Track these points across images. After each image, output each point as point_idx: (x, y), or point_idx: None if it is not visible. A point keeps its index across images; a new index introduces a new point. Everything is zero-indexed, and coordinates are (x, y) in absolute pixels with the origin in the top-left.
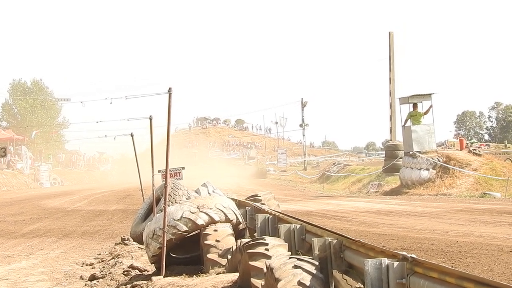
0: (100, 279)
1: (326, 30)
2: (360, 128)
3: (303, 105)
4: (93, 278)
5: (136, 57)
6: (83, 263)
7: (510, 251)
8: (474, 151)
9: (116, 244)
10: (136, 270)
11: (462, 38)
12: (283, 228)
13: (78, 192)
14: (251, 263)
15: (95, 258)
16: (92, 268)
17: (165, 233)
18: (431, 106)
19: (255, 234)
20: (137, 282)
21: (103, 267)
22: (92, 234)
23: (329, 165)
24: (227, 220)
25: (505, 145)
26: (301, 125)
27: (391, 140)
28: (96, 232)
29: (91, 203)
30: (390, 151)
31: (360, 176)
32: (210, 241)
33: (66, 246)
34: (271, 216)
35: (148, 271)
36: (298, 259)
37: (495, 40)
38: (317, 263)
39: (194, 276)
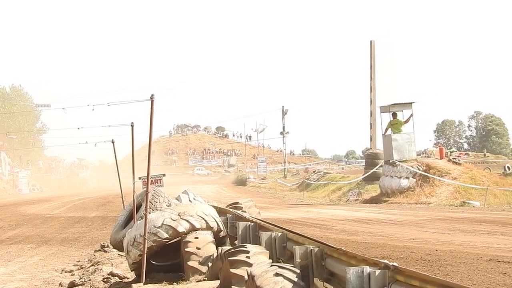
0: (80, 286)
1: (308, 39)
2: (340, 136)
3: (284, 113)
4: (72, 285)
5: (118, 63)
6: (62, 270)
7: (489, 259)
8: (454, 160)
9: (95, 251)
10: (116, 277)
11: (442, 47)
12: (264, 235)
13: (57, 198)
14: (232, 270)
15: (74, 265)
16: (72, 275)
17: (146, 240)
18: (411, 115)
19: (236, 241)
20: None
21: (83, 274)
22: (72, 241)
23: (309, 173)
24: (208, 227)
25: (484, 154)
26: (281, 133)
27: (371, 148)
28: (75, 239)
29: (71, 210)
30: (370, 159)
31: (340, 184)
32: (190, 248)
33: (45, 253)
34: (252, 224)
35: (128, 278)
36: (280, 267)
37: (475, 50)
38: (298, 271)
39: (175, 283)
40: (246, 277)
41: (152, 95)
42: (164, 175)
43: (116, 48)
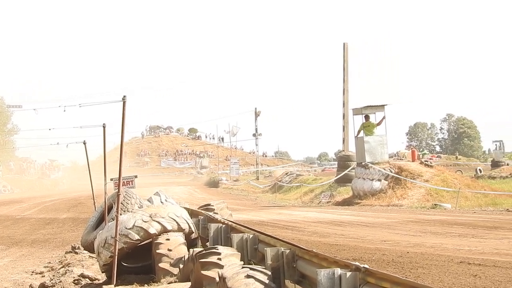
0: None
1: (281, 41)
2: (313, 138)
3: (257, 114)
4: (43, 286)
5: (90, 64)
6: (32, 272)
7: (460, 262)
8: (426, 162)
9: (66, 252)
10: (87, 279)
11: (415, 49)
12: (236, 237)
13: (28, 200)
14: (204, 272)
15: (45, 267)
16: (42, 276)
17: (117, 242)
18: (384, 117)
19: (208, 243)
20: None
21: (53, 275)
22: (42, 243)
23: (282, 175)
24: (180, 229)
25: (456, 157)
26: (254, 135)
27: (343, 150)
28: (46, 240)
29: (42, 211)
30: (343, 161)
31: (312, 187)
32: (162, 250)
33: (16, 255)
34: (223, 226)
35: (99, 280)
36: (251, 268)
37: (447, 52)
38: (269, 272)
39: (146, 285)
40: (217, 278)
41: (124, 96)
42: (136, 176)
43: (87, 51)
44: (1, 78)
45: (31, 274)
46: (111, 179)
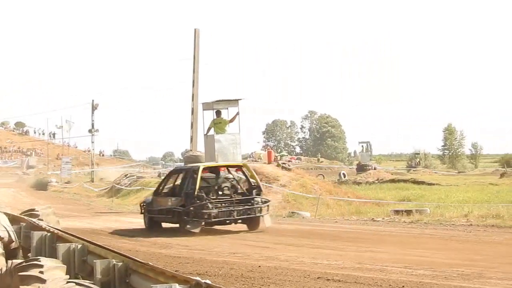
0: None
1: (122, 24)
2: (157, 136)
3: (94, 108)
4: None
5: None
6: None
7: (318, 277)
8: (284, 165)
9: None
10: None
11: (275, 42)
12: (62, 248)
13: None
14: (23, 287)
15: None
16: None
17: None
18: (237, 113)
19: (30, 254)
20: None
21: None
22: None
23: (120, 177)
24: None
25: (318, 159)
26: (90, 131)
27: (191, 150)
28: None
29: None
30: (190, 162)
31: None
32: None
33: None
34: (49, 234)
35: None
36: (77, 283)
37: (309, 46)
38: None
39: None
40: None
41: None
42: None
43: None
44: None
45: None
46: None
